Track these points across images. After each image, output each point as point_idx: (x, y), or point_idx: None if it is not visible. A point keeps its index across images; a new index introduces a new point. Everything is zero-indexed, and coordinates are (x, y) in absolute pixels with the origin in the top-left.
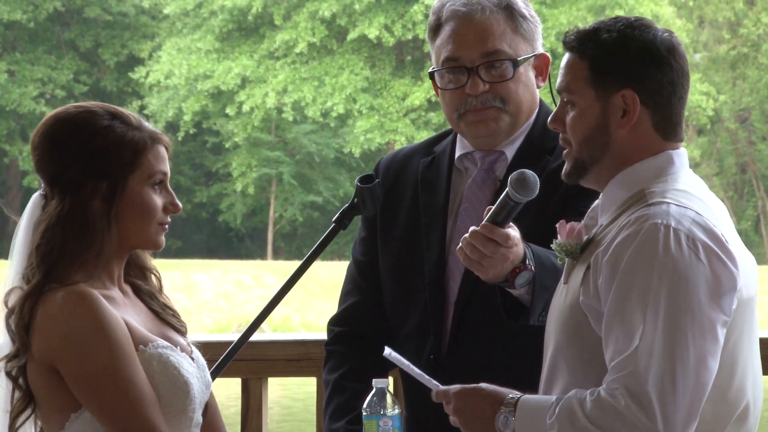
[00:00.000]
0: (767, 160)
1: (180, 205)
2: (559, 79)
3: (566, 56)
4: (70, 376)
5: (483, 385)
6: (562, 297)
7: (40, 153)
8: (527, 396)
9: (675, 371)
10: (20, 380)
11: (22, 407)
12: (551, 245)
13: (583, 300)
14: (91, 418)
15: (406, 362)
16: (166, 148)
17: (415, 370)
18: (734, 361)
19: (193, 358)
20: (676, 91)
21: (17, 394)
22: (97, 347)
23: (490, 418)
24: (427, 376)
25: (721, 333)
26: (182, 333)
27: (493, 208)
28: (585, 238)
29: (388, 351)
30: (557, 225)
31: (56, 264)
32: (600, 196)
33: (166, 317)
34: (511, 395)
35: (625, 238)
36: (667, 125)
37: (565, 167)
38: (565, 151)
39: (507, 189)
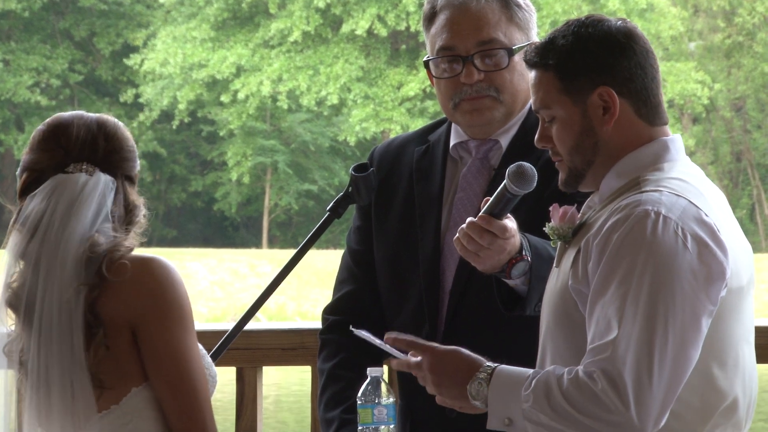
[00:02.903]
0: (762, 148)
1: None
2: (532, 99)
3: (531, 75)
4: (151, 339)
5: (462, 349)
6: (553, 281)
7: (127, 150)
8: (504, 366)
9: (652, 359)
10: (98, 314)
11: (102, 337)
12: (544, 228)
13: (572, 284)
14: (150, 396)
15: (376, 340)
16: None
17: (384, 346)
18: (725, 351)
19: None
20: (647, 73)
21: (87, 325)
22: (186, 319)
23: (464, 382)
24: (396, 351)
25: (705, 323)
26: None
27: (491, 199)
28: (577, 222)
29: (357, 331)
30: (550, 208)
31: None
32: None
33: None
34: (488, 363)
35: (615, 223)
36: (648, 109)
37: (560, 177)
38: (557, 163)
39: (505, 181)
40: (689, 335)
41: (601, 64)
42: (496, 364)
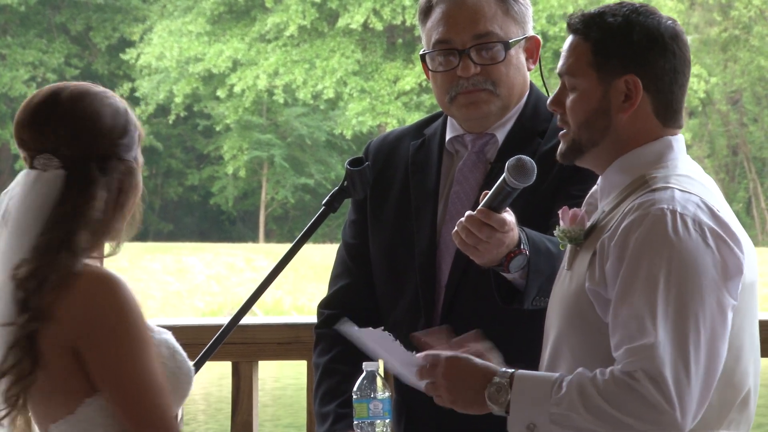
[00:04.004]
0: (759, 141)
1: None
2: (561, 62)
3: (569, 39)
4: (95, 359)
5: (474, 357)
6: (565, 283)
7: (79, 126)
8: (523, 371)
9: (688, 357)
10: (32, 346)
11: (29, 371)
12: (554, 231)
13: (588, 286)
14: (102, 405)
15: (392, 344)
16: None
17: (395, 351)
18: (739, 345)
19: None
20: (677, 79)
21: (14, 357)
22: (127, 334)
23: (480, 388)
24: (406, 356)
25: (730, 317)
26: None
27: (490, 193)
28: (588, 224)
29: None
30: (560, 211)
31: (99, 239)
32: (599, 181)
33: None
34: (503, 368)
35: (631, 223)
36: (667, 112)
37: (560, 147)
38: (562, 132)
39: (504, 175)
40: (718, 331)
41: (639, 55)
42: (512, 369)
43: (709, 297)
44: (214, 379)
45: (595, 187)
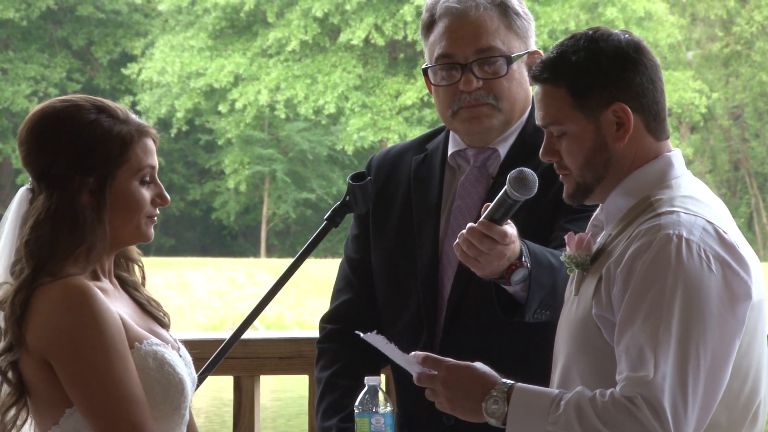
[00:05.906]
0: (760, 157)
1: (168, 198)
2: (540, 114)
3: (539, 89)
4: (62, 371)
5: (477, 364)
6: (573, 309)
7: (27, 148)
8: (522, 385)
9: (686, 386)
10: (10, 375)
11: (13, 401)
12: (561, 257)
13: (596, 312)
14: None
15: (387, 346)
16: (154, 141)
17: (395, 353)
18: (747, 366)
19: (180, 355)
20: (657, 87)
21: (5, 388)
22: (90, 344)
23: (478, 398)
24: (406, 356)
25: (736, 344)
26: (165, 325)
27: (491, 205)
28: (594, 248)
29: (367, 334)
30: (566, 237)
31: (47, 260)
32: (603, 205)
33: (150, 309)
34: (503, 380)
35: (638, 249)
36: (657, 124)
37: (566, 189)
38: (562, 176)
39: (506, 187)
40: (720, 359)
41: (615, 80)
42: (511, 382)
43: (712, 325)
44: (215, 393)
45: (597, 211)
